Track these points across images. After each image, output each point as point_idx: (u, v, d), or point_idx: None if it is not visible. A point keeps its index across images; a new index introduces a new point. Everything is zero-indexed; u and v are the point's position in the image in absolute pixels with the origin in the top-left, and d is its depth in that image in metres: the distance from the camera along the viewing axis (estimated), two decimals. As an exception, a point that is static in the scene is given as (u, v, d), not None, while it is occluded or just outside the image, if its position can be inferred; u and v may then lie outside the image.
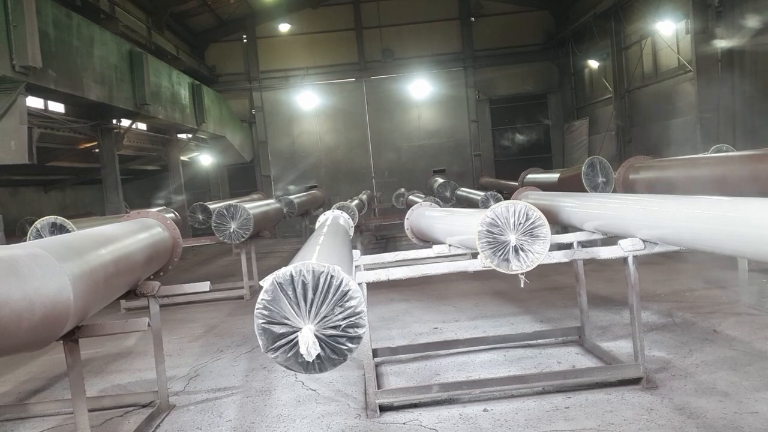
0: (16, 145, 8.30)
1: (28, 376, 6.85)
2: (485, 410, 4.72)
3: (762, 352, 5.47)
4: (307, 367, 2.76)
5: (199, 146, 20.29)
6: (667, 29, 15.27)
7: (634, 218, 4.82)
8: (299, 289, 2.73)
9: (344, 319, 2.74)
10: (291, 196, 16.26)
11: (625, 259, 4.76)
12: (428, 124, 23.45)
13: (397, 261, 5.64)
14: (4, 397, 6.22)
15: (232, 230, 9.91)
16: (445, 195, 16.20)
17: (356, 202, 13.01)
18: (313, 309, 2.73)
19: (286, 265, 2.80)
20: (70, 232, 7.35)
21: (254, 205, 11.24)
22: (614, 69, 18.48)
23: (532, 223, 4.30)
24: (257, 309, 2.73)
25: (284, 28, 22.87)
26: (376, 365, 5.80)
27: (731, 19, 12.53)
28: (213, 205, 14.25)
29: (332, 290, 2.74)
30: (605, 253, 4.81)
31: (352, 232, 6.95)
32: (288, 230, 20.81)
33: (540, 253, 4.31)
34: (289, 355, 2.74)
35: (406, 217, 7.19)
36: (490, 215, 4.31)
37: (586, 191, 9.74)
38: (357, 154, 23.32)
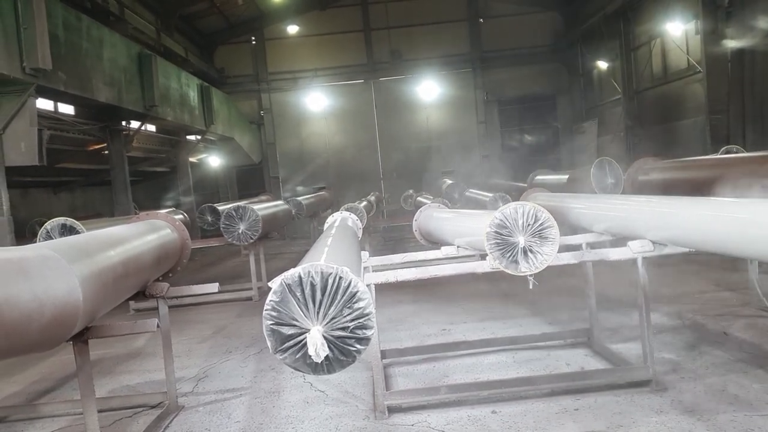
0: (27, 147, 8.34)
1: (38, 377, 6.88)
2: (494, 412, 4.71)
3: (773, 354, 5.44)
4: (316, 368, 2.76)
5: (208, 148, 20.35)
6: (677, 30, 15.20)
7: (644, 220, 4.80)
8: (308, 291, 2.73)
9: (353, 320, 2.74)
10: (299, 198, 16.27)
11: (634, 261, 4.74)
12: (436, 125, 23.43)
13: (405, 262, 5.64)
14: (15, 398, 6.26)
15: (240, 231, 9.93)
16: (453, 196, 16.16)
17: (364, 203, 13.00)
18: (322, 310, 2.73)
19: (294, 266, 2.80)
20: (79, 233, 7.38)
21: (263, 207, 11.26)
22: (623, 70, 18.40)
23: (541, 224, 4.28)
24: (266, 310, 2.73)
25: (292, 29, 22.93)
26: (385, 367, 5.80)
27: (741, 20, 12.45)
28: (222, 207, 14.30)
29: (341, 292, 2.74)
30: (614, 254, 4.79)
31: (360, 233, 6.95)
32: (296, 232, 20.81)
33: (549, 254, 4.29)
34: (297, 356, 2.74)
35: (414, 218, 7.18)
36: (498, 216, 4.30)
37: (595, 193, 9.70)
38: (365, 155, 23.31)
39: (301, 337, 2.72)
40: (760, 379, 4.85)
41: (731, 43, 12.72)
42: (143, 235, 5.15)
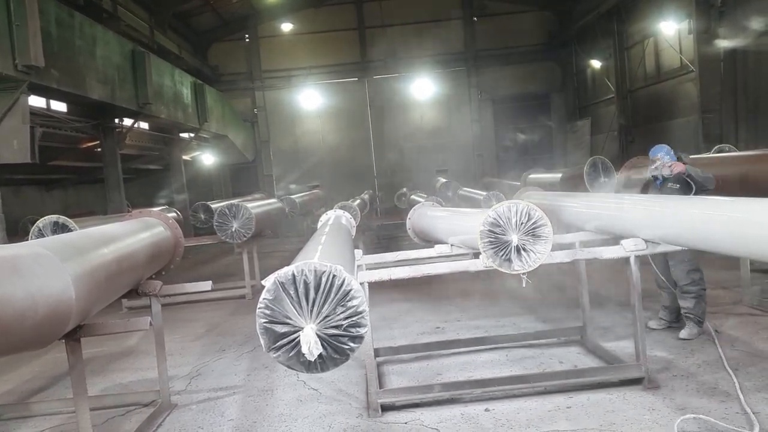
0: (19, 144, 8.30)
1: (31, 375, 6.86)
2: (487, 410, 4.72)
3: (764, 352, 5.47)
4: (309, 366, 2.76)
5: (202, 146, 20.30)
6: (670, 29, 15.26)
7: (636, 218, 4.82)
8: (301, 289, 2.73)
9: (346, 318, 2.74)
10: (293, 196, 16.26)
11: (627, 259, 4.75)
12: (430, 123, 23.44)
13: (398, 261, 5.63)
14: (7, 396, 6.23)
15: (234, 229, 9.91)
16: (447, 195, 16.19)
17: (358, 201, 13.01)
18: (315, 308, 2.73)
19: (288, 264, 2.80)
20: (72, 231, 7.36)
21: (256, 205, 11.25)
22: (617, 69, 18.47)
23: (534, 222, 4.29)
24: (259, 308, 2.73)
25: (287, 27, 22.90)
26: (378, 365, 5.80)
27: (734, 19, 12.51)
28: (215, 205, 14.28)
29: (334, 290, 2.74)
30: (607, 253, 4.80)
31: (354, 231, 6.95)
32: (290, 230, 20.76)
33: (542, 253, 4.30)
34: (290, 354, 2.74)
35: (408, 216, 7.19)
36: (492, 215, 4.31)
37: (588, 191, 9.73)
38: (359, 153, 23.31)
39: (295, 336, 2.72)
40: (752, 376, 4.88)
41: (724, 43, 12.78)
42: (136, 233, 5.13)
